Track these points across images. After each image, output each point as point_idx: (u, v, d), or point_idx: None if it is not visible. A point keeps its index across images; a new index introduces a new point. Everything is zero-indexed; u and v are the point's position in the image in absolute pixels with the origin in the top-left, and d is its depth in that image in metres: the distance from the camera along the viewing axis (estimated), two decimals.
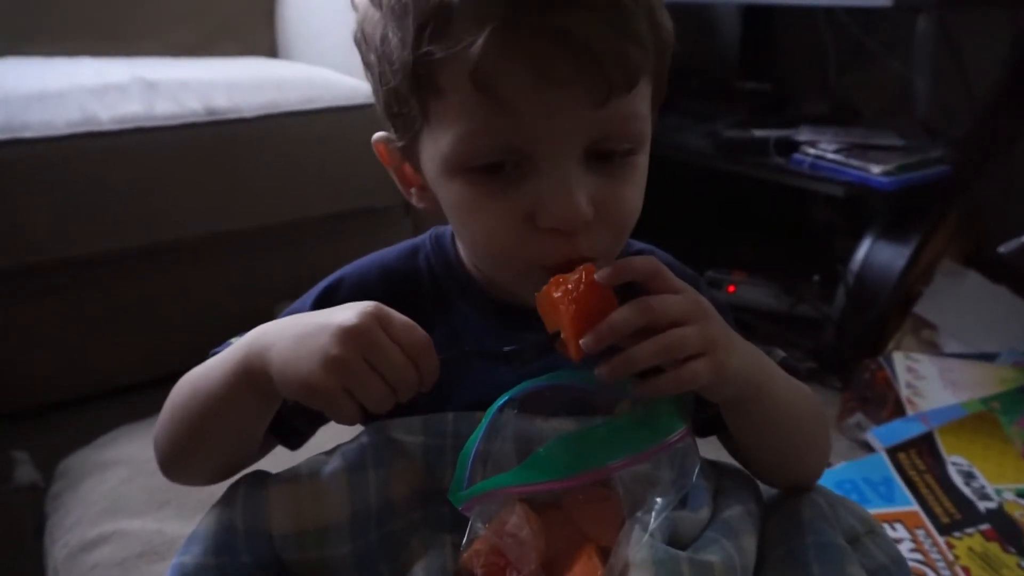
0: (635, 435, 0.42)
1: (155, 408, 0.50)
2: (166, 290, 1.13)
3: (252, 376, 0.44)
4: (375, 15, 0.45)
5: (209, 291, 1.13)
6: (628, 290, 0.43)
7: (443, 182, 0.45)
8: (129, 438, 0.83)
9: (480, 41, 0.39)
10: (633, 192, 0.45)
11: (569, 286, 0.41)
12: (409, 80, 0.42)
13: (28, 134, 0.97)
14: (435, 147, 0.44)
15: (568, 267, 0.42)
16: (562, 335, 0.42)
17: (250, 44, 1.61)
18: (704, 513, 0.46)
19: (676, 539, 0.44)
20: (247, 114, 1.11)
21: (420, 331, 0.44)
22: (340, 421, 0.43)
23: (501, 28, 0.39)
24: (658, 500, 0.42)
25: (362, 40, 0.47)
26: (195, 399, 0.47)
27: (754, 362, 0.46)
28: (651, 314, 0.41)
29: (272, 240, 1.17)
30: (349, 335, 0.41)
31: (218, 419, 0.47)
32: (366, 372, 0.41)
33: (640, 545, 0.41)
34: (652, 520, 0.41)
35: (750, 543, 0.45)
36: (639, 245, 0.55)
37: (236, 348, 0.46)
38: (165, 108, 1.07)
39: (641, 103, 0.44)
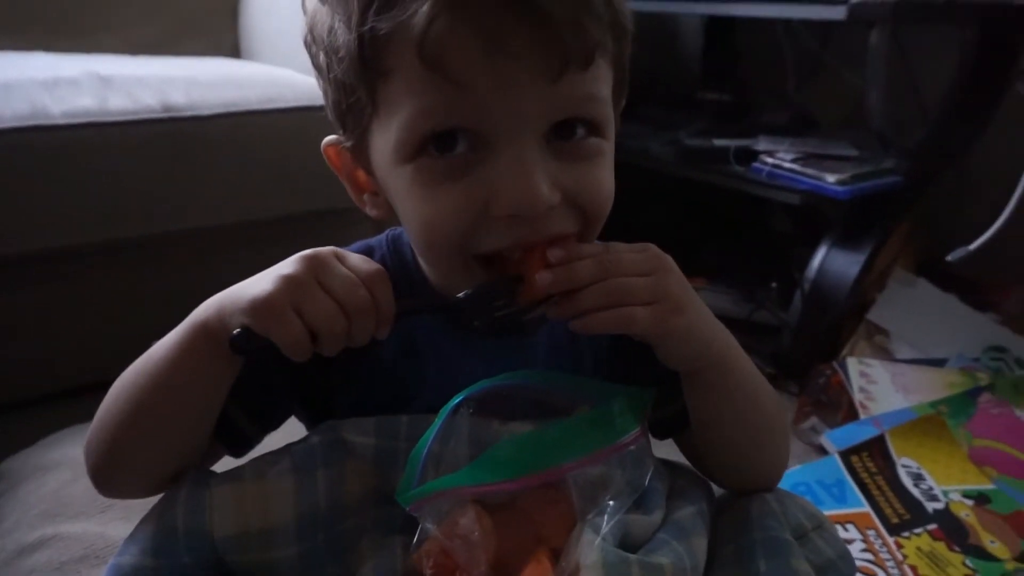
0: (589, 436, 0.42)
1: None
2: (118, 290, 1.09)
3: (209, 331, 0.42)
4: (322, 9, 0.43)
5: (163, 292, 1.10)
6: None
7: (393, 172, 0.43)
8: (73, 440, 0.80)
9: (424, 8, 0.37)
10: (601, 174, 0.44)
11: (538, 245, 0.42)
12: (355, 64, 0.40)
13: None
14: (385, 137, 0.42)
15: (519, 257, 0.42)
16: (525, 276, 0.41)
17: (213, 43, 1.58)
18: (657, 515, 0.46)
19: (628, 541, 0.44)
20: (205, 112, 1.09)
21: (375, 264, 0.43)
22: (289, 350, 0.41)
23: None
24: (611, 503, 0.42)
25: (311, 41, 0.45)
26: (143, 378, 0.44)
27: (716, 331, 0.45)
28: (607, 268, 0.41)
29: (230, 240, 1.15)
30: (304, 258, 0.41)
31: (171, 393, 0.44)
32: (316, 289, 0.40)
33: (591, 548, 0.40)
34: (604, 523, 0.41)
35: (701, 543, 0.46)
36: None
37: (187, 319, 0.44)
38: (119, 103, 1.04)
39: (602, 85, 0.42)
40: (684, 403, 0.49)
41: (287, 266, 0.41)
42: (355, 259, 0.43)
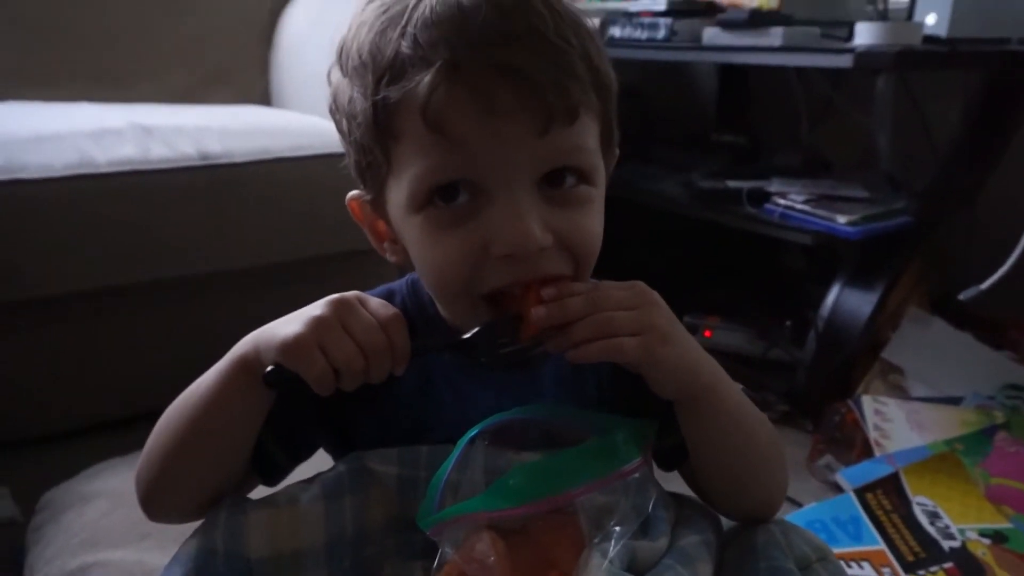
0: (594, 463, 0.45)
1: (138, 444, 0.51)
2: (154, 328, 1.15)
3: (245, 363, 0.47)
4: (343, 82, 0.49)
5: (196, 329, 1.15)
6: None
7: (406, 221, 0.48)
8: (113, 471, 0.84)
9: (427, 79, 0.42)
10: (590, 219, 0.48)
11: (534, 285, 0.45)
12: (371, 129, 0.46)
13: (26, 175, 1.00)
14: (398, 191, 0.47)
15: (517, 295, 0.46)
16: (524, 314, 0.45)
17: (244, 91, 1.66)
18: (662, 542, 0.48)
19: (634, 566, 0.46)
20: (239, 159, 1.15)
21: (393, 308, 0.47)
22: (315, 385, 0.45)
23: (446, 67, 0.42)
24: (616, 528, 0.45)
25: (335, 108, 0.51)
26: (190, 402, 0.49)
27: (703, 362, 0.48)
28: (596, 304, 0.45)
29: (260, 280, 1.20)
30: (331, 302, 0.46)
31: (212, 418, 0.48)
32: (339, 331, 0.45)
33: (599, 571, 0.43)
34: (611, 547, 0.44)
35: (705, 570, 0.48)
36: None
37: (227, 354, 0.48)
38: (160, 152, 1.11)
39: (588, 138, 0.47)
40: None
41: (316, 308, 0.46)
42: (375, 304, 0.47)
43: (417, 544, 0.49)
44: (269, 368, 0.45)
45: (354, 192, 0.53)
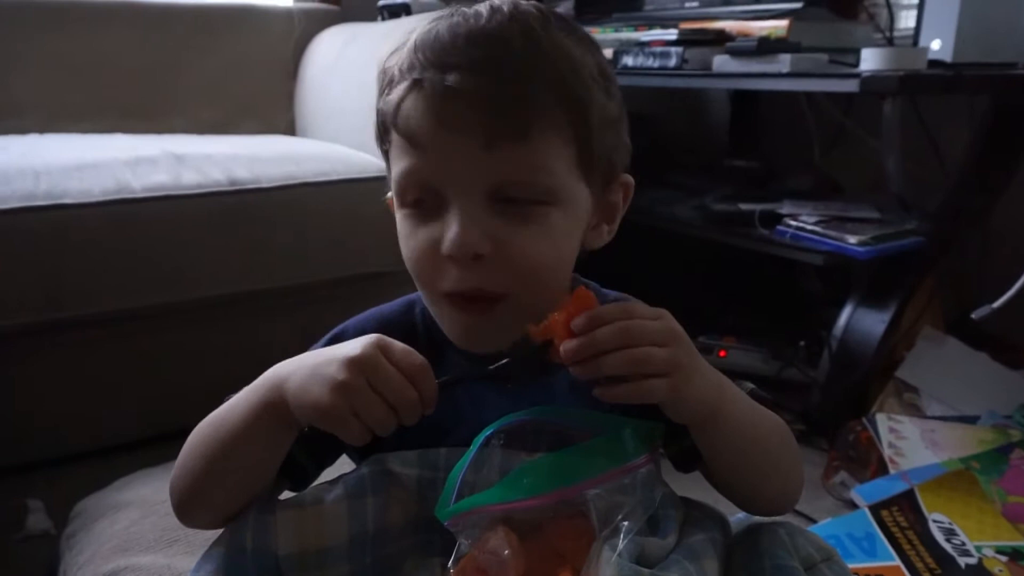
0: (603, 459, 0.47)
1: (167, 459, 0.54)
2: (184, 347, 1.19)
3: (273, 408, 0.49)
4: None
5: (225, 349, 1.19)
6: None
7: (398, 216, 0.54)
8: (142, 482, 0.87)
9: (399, 92, 0.50)
10: (537, 240, 0.49)
11: (564, 308, 0.46)
12: (376, 134, 0.54)
13: (67, 200, 1.06)
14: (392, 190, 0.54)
15: (469, 297, 0.50)
16: (554, 341, 0.46)
17: (270, 123, 1.73)
18: (671, 539, 0.50)
19: (643, 562, 0.47)
20: (266, 185, 1.20)
21: (418, 356, 0.48)
22: (350, 441, 0.47)
23: (414, 85, 0.49)
24: (625, 523, 0.47)
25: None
26: (218, 434, 0.51)
27: (713, 388, 0.49)
28: (629, 337, 0.45)
29: (287, 301, 1.24)
30: (354, 362, 0.46)
31: (239, 451, 0.50)
32: (369, 394, 0.46)
33: (608, 564, 0.45)
34: (620, 541, 0.46)
35: (711, 566, 0.49)
36: (614, 295, 0.59)
37: (256, 385, 0.51)
38: (191, 178, 1.16)
39: (545, 158, 0.48)
40: None
41: (340, 371, 0.46)
42: (399, 352, 0.47)
43: (436, 543, 0.51)
44: (306, 430, 0.50)
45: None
